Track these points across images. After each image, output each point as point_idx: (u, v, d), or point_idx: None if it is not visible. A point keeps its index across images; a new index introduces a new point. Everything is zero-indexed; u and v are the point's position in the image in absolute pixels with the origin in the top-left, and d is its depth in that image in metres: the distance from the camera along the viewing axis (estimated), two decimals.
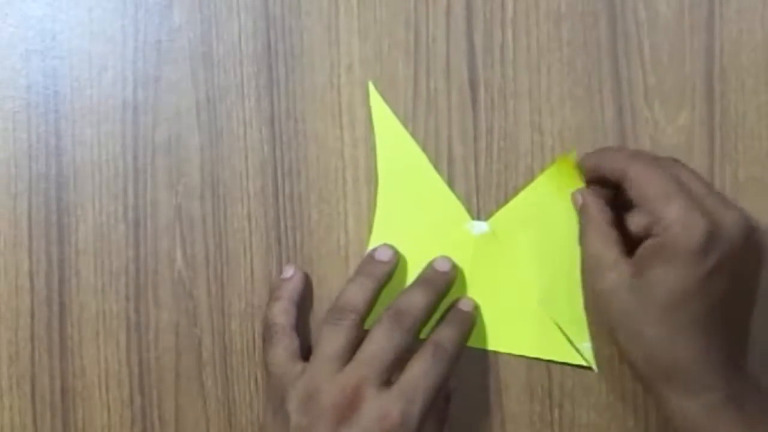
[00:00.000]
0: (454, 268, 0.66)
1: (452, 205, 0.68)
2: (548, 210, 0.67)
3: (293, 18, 0.68)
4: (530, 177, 0.68)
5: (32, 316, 0.68)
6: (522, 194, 0.68)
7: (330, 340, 0.62)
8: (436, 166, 0.68)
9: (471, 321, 0.66)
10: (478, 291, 0.67)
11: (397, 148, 0.68)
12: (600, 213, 0.62)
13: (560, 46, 0.67)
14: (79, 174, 0.68)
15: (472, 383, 0.67)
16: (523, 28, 0.67)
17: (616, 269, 0.60)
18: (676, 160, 0.63)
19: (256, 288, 0.69)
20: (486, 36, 0.67)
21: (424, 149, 0.68)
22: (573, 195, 0.64)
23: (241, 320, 0.69)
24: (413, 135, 0.68)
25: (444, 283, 0.66)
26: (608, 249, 0.62)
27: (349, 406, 0.60)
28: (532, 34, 0.67)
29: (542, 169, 0.68)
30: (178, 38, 0.68)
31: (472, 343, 0.67)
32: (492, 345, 0.68)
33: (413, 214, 0.68)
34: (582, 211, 0.63)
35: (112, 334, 0.68)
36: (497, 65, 0.67)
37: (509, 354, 0.68)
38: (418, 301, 0.64)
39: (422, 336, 0.65)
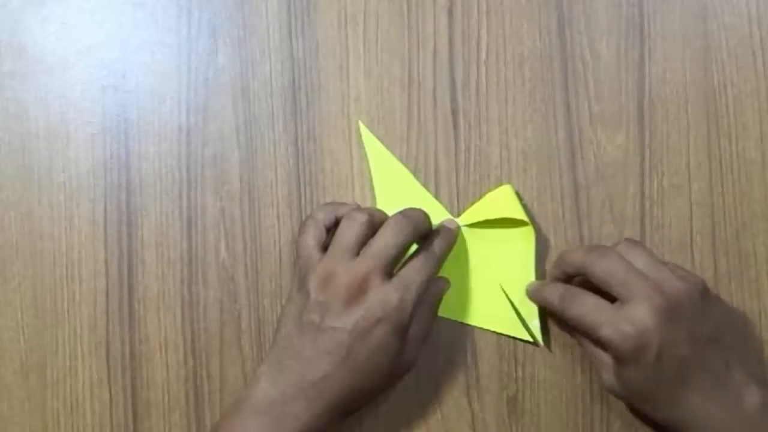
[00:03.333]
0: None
1: (440, 213, 0.70)
2: (502, 212, 0.69)
3: (312, 60, 0.71)
4: (500, 185, 0.71)
5: (107, 295, 0.70)
6: (482, 199, 0.70)
7: (346, 234, 0.64)
8: (425, 178, 0.71)
9: (454, 235, 0.68)
10: (453, 273, 0.69)
11: (389, 173, 0.70)
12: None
13: (523, 81, 0.71)
14: (144, 183, 0.71)
15: (453, 347, 0.70)
16: (494, 67, 0.71)
17: (606, 372, 0.64)
18: (630, 242, 0.64)
19: (283, 273, 0.70)
20: (465, 74, 0.71)
21: (416, 164, 0.70)
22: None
23: (271, 298, 0.70)
24: (407, 153, 0.71)
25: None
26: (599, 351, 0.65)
27: (358, 290, 0.62)
28: (501, 72, 0.71)
29: (500, 183, 0.71)
30: (221, 76, 0.71)
31: (444, 313, 0.69)
32: (460, 317, 0.70)
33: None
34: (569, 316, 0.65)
35: (170, 309, 0.70)
36: (473, 97, 0.71)
37: (473, 326, 0.70)
38: (420, 212, 0.66)
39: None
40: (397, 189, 0.70)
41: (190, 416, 0.70)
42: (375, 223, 0.65)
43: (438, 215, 0.70)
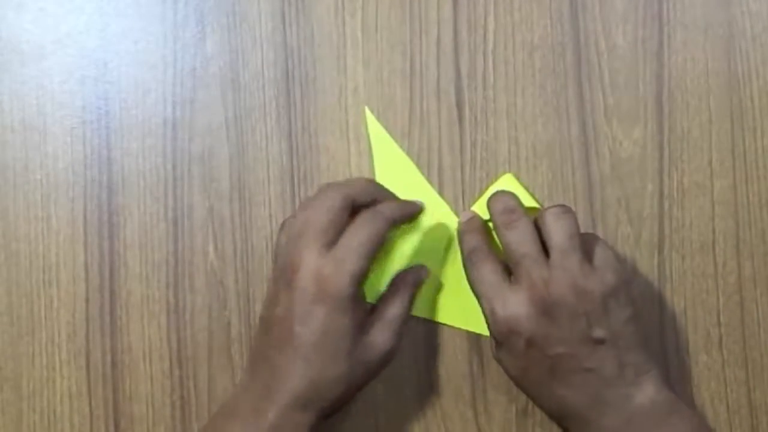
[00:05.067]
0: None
1: (442, 208, 0.70)
2: None
3: (307, 49, 0.71)
4: (501, 174, 0.70)
5: (87, 301, 0.70)
6: (485, 195, 0.69)
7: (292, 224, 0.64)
8: (429, 174, 0.71)
9: (416, 208, 0.68)
10: (464, 279, 0.67)
11: (392, 163, 0.71)
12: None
13: (533, 72, 0.71)
14: (127, 181, 0.70)
15: (456, 355, 0.70)
16: (502, 57, 0.71)
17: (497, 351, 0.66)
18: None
19: None
20: (470, 64, 0.71)
21: (418, 160, 0.71)
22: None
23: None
24: (409, 148, 0.71)
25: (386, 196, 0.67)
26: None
27: (292, 270, 0.62)
28: (509, 62, 0.71)
29: (501, 173, 0.70)
30: (210, 66, 0.71)
31: (443, 319, 0.69)
32: (460, 324, 0.70)
33: None
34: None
35: (155, 316, 0.70)
36: (480, 88, 0.71)
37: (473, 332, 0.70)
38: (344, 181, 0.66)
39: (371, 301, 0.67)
40: (399, 182, 0.70)
41: (176, 431, 0.70)
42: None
43: (440, 211, 0.70)
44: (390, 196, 0.68)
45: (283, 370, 0.62)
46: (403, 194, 0.69)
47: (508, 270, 0.65)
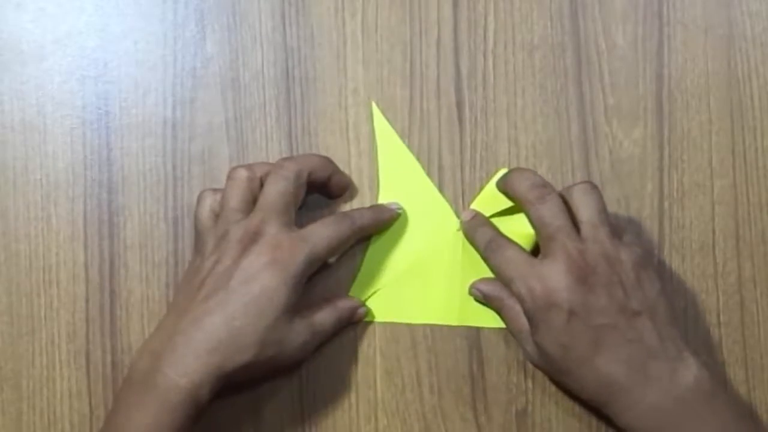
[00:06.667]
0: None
1: (443, 208, 0.70)
2: (500, 206, 0.68)
3: (307, 49, 0.71)
4: (497, 171, 0.70)
5: (87, 301, 0.69)
6: (483, 193, 0.69)
7: (229, 194, 0.65)
8: (428, 174, 0.70)
9: (389, 216, 0.68)
10: (465, 278, 0.69)
11: (396, 160, 0.70)
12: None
13: (533, 72, 0.71)
14: (127, 181, 0.70)
15: (456, 356, 0.69)
16: (502, 57, 0.71)
17: (525, 340, 0.65)
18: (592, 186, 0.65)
19: None
20: (470, 64, 0.71)
21: (418, 160, 0.70)
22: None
23: None
24: (409, 148, 0.70)
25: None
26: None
27: (251, 239, 0.62)
28: (509, 62, 0.71)
29: (497, 170, 0.70)
30: (210, 66, 0.71)
31: (446, 320, 0.69)
32: (469, 321, 0.69)
33: (409, 215, 0.69)
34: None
35: (155, 316, 0.69)
36: (480, 88, 0.71)
37: (486, 327, 0.69)
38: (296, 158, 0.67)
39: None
40: (403, 180, 0.70)
41: None
42: (257, 176, 0.66)
43: (442, 211, 0.70)
44: (344, 176, 0.69)
45: (195, 320, 0.61)
46: (405, 192, 0.70)
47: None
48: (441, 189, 0.71)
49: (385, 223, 0.69)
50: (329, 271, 0.69)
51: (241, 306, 0.61)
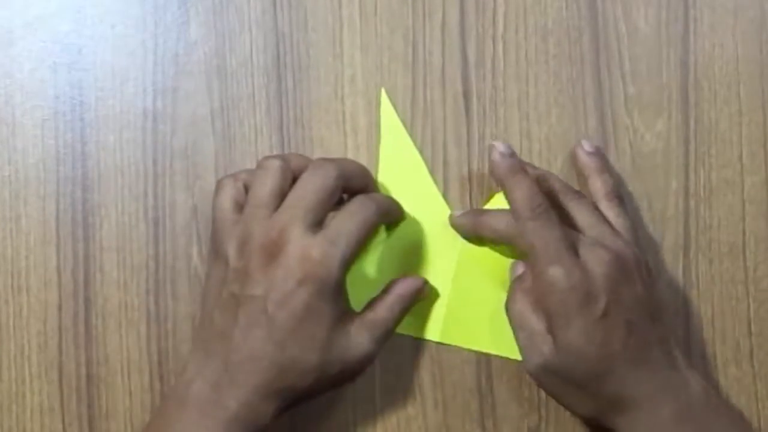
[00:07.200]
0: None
1: (439, 205, 0.69)
2: None
3: (300, 33, 0.70)
4: None
5: (60, 309, 0.69)
6: (493, 200, 0.69)
7: (258, 186, 0.63)
8: (433, 170, 0.70)
9: (402, 213, 0.67)
10: (461, 293, 0.68)
11: (398, 154, 0.70)
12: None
13: (547, 58, 0.70)
14: (103, 177, 0.69)
15: (463, 368, 0.69)
16: (513, 42, 0.70)
17: (538, 344, 0.63)
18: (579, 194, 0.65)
19: None
20: (478, 49, 0.70)
21: (422, 154, 0.69)
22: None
23: None
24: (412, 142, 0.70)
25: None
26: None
27: (276, 248, 0.61)
28: (520, 48, 0.70)
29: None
30: (194, 52, 0.70)
31: (451, 340, 0.68)
32: (475, 345, 0.69)
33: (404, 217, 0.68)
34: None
35: (134, 325, 0.69)
36: (489, 76, 0.70)
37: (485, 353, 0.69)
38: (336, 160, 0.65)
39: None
40: (402, 174, 0.70)
41: None
42: (291, 168, 0.64)
43: (437, 211, 0.69)
44: (378, 190, 0.68)
45: (252, 355, 0.61)
46: (404, 189, 0.69)
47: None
48: (446, 186, 0.70)
49: (397, 218, 0.68)
50: None
51: (288, 333, 0.61)
